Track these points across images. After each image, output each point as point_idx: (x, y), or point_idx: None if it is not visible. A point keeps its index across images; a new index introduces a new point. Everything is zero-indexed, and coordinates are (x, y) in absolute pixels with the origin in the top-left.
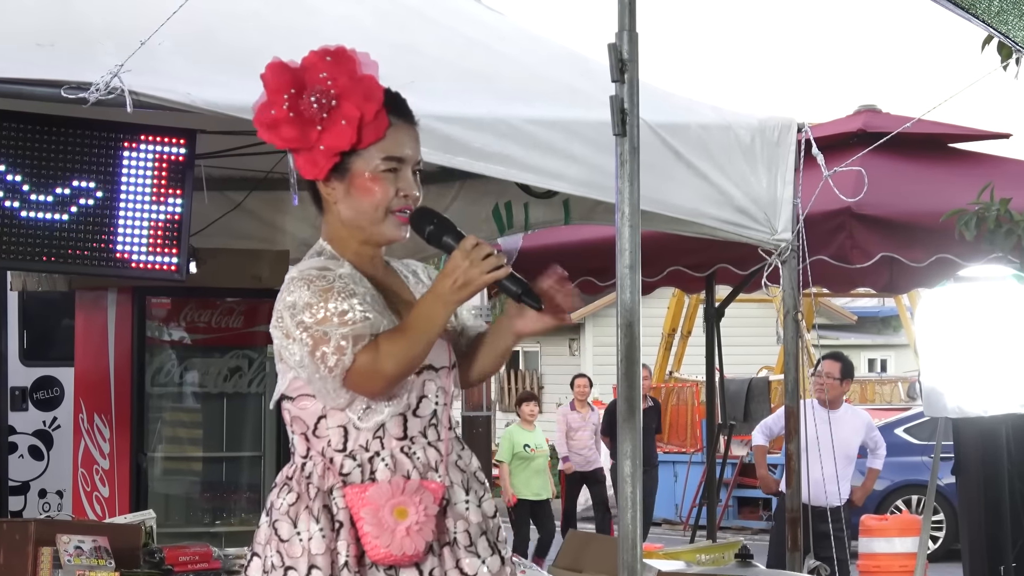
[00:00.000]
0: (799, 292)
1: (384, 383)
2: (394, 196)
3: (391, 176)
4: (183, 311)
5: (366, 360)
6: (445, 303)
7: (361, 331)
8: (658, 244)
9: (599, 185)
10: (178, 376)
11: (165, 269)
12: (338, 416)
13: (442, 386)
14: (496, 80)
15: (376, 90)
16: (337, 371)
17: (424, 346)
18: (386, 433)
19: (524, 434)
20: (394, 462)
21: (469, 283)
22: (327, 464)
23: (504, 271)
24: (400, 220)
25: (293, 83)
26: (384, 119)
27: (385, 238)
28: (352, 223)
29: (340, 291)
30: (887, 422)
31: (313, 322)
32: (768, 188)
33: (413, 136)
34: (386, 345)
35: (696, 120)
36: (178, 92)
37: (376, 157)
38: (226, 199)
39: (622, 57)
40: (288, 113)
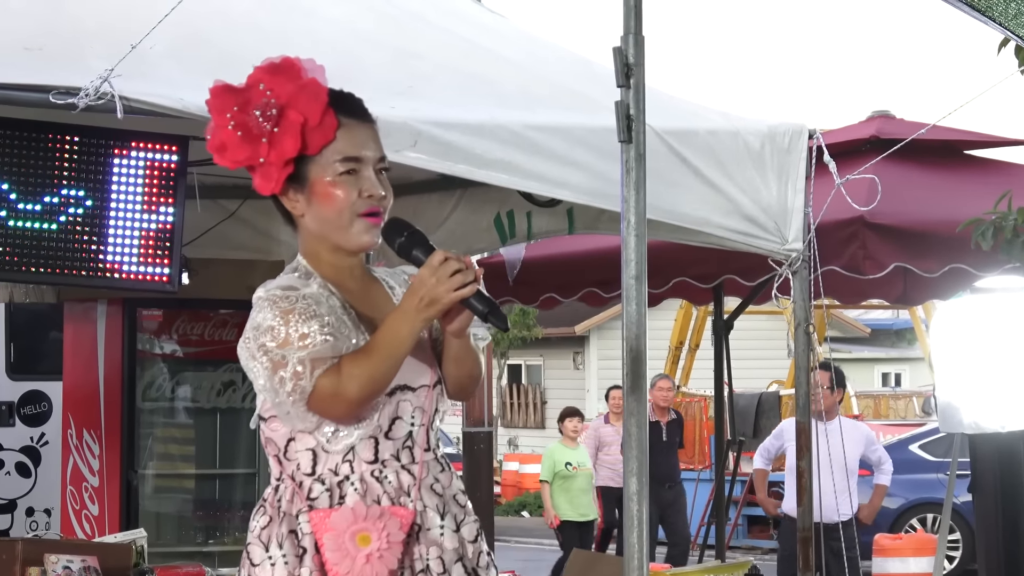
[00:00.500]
0: (810, 304)
1: (348, 407)
2: (357, 198)
3: (351, 178)
4: (175, 323)
5: (327, 384)
6: (411, 321)
7: (320, 354)
8: (665, 254)
9: (604, 193)
10: (170, 390)
11: (156, 280)
12: (307, 439)
13: (419, 406)
14: (498, 85)
15: (319, 91)
16: (296, 396)
17: (389, 367)
18: (356, 456)
19: (566, 452)
20: (364, 486)
21: (435, 301)
22: (296, 488)
23: (470, 289)
24: (370, 223)
25: (236, 102)
26: (332, 120)
27: (355, 244)
28: (320, 234)
29: (302, 312)
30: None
31: (274, 345)
32: (778, 196)
33: (370, 134)
34: (348, 367)
35: (704, 126)
36: (170, 97)
37: (331, 160)
38: (219, 208)
39: (628, 61)
40: (236, 133)
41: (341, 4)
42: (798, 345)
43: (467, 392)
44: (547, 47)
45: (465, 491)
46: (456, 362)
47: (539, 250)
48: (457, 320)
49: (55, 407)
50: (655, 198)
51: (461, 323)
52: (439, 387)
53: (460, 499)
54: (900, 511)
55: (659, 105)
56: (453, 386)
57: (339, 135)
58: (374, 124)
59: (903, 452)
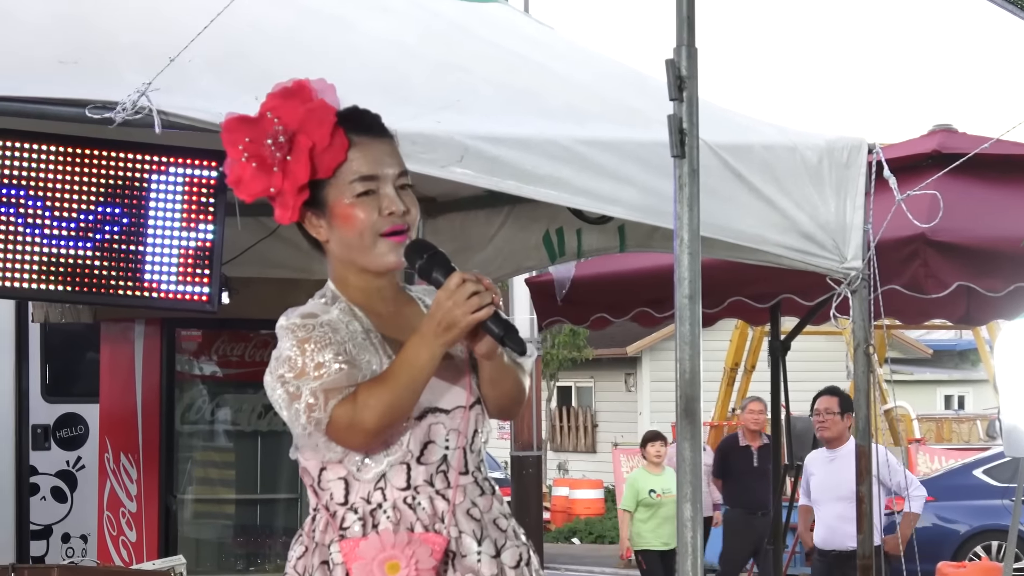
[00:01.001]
0: (870, 324)
1: (365, 436)
2: (378, 217)
3: (370, 198)
4: (215, 344)
5: (343, 414)
6: (430, 346)
7: (334, 384)
8: (719, 273)
9: (656, 210)
10: (209, 413)
11: (196, 299)
12: (338, 468)
13: (455, 428)
14: (547, 98)
15: (325, 113)
16: (311, 427)
17: (407, 394)
18: (388, 484)
19: (650, 478)
20: (397, 514)
21: (453, 325)
22: (329, 517)
23: (486, 312)
24: (393, 242)
25: (248, 133)
26: (342, 140)
27: (380, 265)
28: (345, 257)
29: (318, 341)
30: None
31: (291, 376)
32: (837, 213)
33: (386, 150)
34: (364, 396)
35: (759, 141)
36: (209, 111)
37: (347, 181)
38: (260, 225)
39: (680, 74)
40: (250, 165)
41: (385, 18)
42: (857, 367)
43: (509, 413)
44: (597, 59)
45: (510, 515)
46: (492, 384)
47: (589, 269)
48: (483, 343)
49: (91, 430)
50: (709, 215)
51: (487, 345)
52: (477, 408)
53: (501, 523)
54: (964, 538)
55: (713, 119)
56: (493, 407)
57: (352, 154)
58: (392, 139)
59: (966, 477)
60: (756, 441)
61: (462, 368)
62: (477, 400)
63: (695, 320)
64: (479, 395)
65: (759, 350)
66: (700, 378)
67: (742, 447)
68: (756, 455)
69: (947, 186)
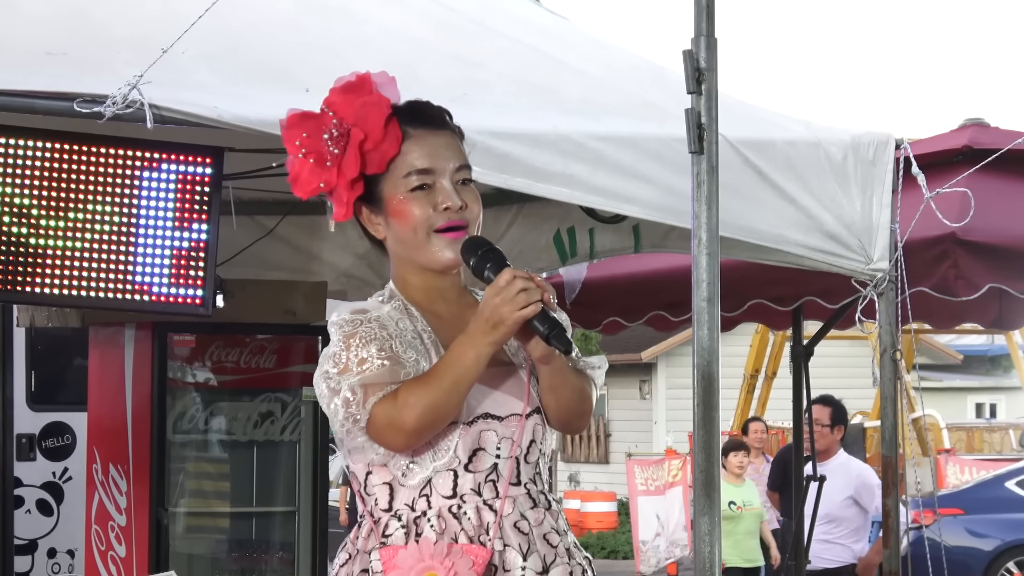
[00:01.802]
0: (898, 328)
1: (406, 437)
2: (433, 212)
3: (425, 192)
4: (209, 349)
5: (383, 412)
6: (476, 346)
7: (374, 379)
8: (739, 275)
9: (673, 208)
10: (203, 422)
11: (189, 303)
12: (383, 473)
13: (508, 436)
14: (559, 92)
15: (381, 105)
16: (349, 424)
17: (451, 395)
18: (433, 491)
19: (730, 489)
20: (442, 523)
21: (500, 322)
22: (373, 524)
23: (534, 308)
24: (450, 238)
25: (306, 128)
26: (395, 132)
27: (436, 262)
28: (402, 256)
29: (363, 336)
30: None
31: (336, 372)
32: (863, 212)
33: (444, 143)
34: (405, 395)
35: (782, 136)
36: (204, 106)
37: (401, 175)
38: (257, 225)
39: (699, 66)
40: (307, 161)
41: (394, 8)
42: (884, 373)
43: (572, 426)
44: (612, 51)
45: (565, 532)
46: (552, 392)
47: (602, 270)
48: (537, 345)
49: (79, 440)
50: (728, 214)
51: (542, 348)
52: (536, 417)
53: (552, 539)
54: (995, 554)
55: (733, 113)
56: (555, 418)
57: (407, 147)
58: (452, 132)
59: (998, 489)
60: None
61: (521, 375)
62: (536, 410)
63: (713, 324)
64: (539, 405)
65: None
66: (719, 385)
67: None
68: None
69: (979, 183)
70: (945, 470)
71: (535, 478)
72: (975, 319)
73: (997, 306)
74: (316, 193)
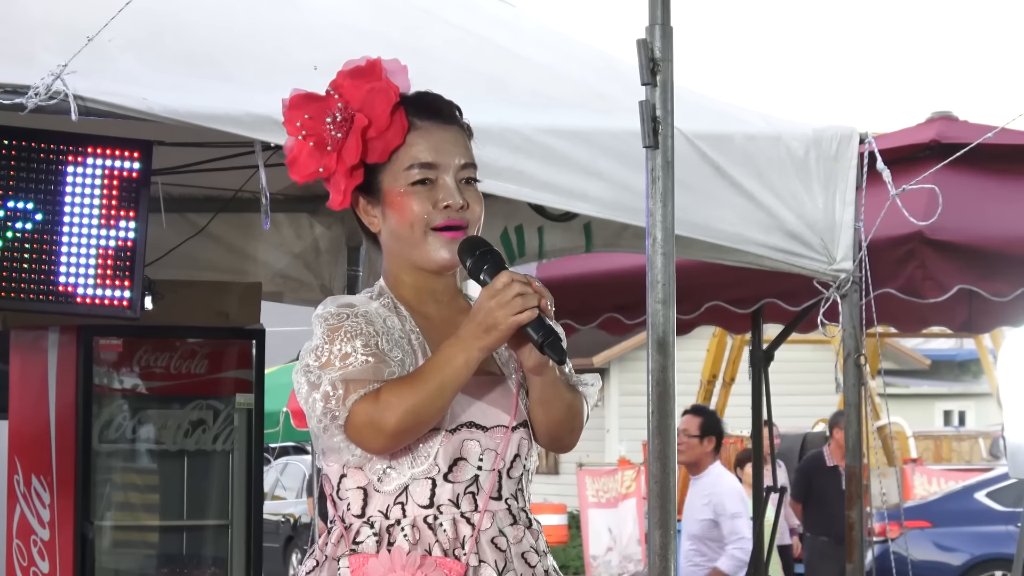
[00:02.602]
0: (862, 332)
1: (386, 439)
2: (432, 209)
3: (426, 188)
4: (137, 354)
5: (363, 410)
6: (466, 350)
7: (357, 376)
8: (696, 275)
9: (627, 206)
10: (131, 431)
11: (116, 305)
12: (358, 476)
13: (491, 448)
14: (508, 83)
15: (388, 92)
16: (327, 421)
17: (436, 398)
18: (409, 499)
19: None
20: (416, 534)
21: (494, 327)
22: (343, 530)
23: (529, 314)
24: (448, 237)
25: (308, 110)
26: (401, 122)
27: (431, 262)
28: (396, 252)
29: (348, 331)
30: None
31: (317, 366)
32: (825, 209)
33: (450, 138)
34: (388, 395)
35: (741, 130)
36: (132, 97)
37: (403, 167)
38: (188, 223)
39: (654, 56)
40: (307, 144)
41: None
42: (847, 379)
43: (560, 443)
44: (564, 41)
45: (545, 553)
46: (542, 406)
47: (552, 271)
48: (531, 354)
49: None
50: (684, 211)
51: (536, 358)
52: (522, 431)
53: (531, 559)
54: (965, 568)
55: (689, 106)
56: (543, 434)
57: (411, 139)
58: (461, 128)
59: (967, 501)
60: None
61: (510, 386)
62: (523, 423)
63: (669, 328)
64: (526, 418)
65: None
66: (674, 392)
67: (829, 468)
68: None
69: (947, 179)
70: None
71: (517, 494)
72: (943, 322)
73: (966, 308)
74: (313, 178)
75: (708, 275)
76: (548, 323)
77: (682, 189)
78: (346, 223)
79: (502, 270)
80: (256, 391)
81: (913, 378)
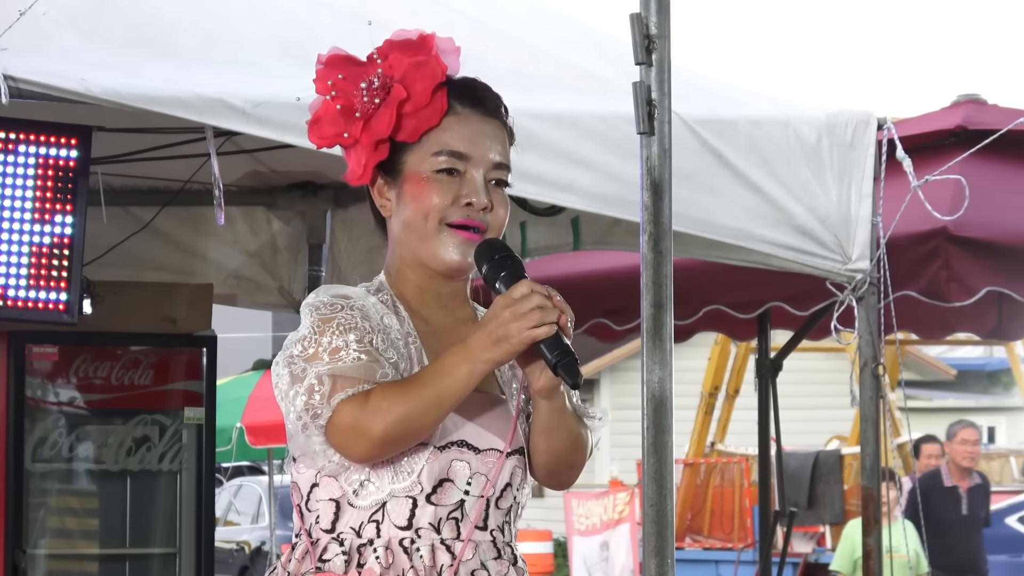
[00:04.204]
0: (880, 339)
1: (369, 446)
2: (451, 204)
3: (451, 179)
4: (74, 363)
5: (349, 412)
6: (471, 360)
7: (346, 372)
8: (695, 276)
9: (618, 199)
10: (67, 449)
11: (51, 308)
12: (331, 487)
13: (482, 472)
14: (482, 61)
15: (435, 68)
16: (307, 418)
17: (431, 409)
18: (386, 518)
19: None
20: (389, 557)
21: (504, 339)
22: (309, 545)
23: (547, 330)
24: (463, 237)
25: (344, 70)
26: (441, 103)
27: (440, 261)
28: (403, 243)
29: (341, 323)
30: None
31: (303, 358)
32: (839, 203)
33: (490, 132)
34: (378, 398)
35: (745, 114)
36: (69, 78)
37: (431, 151)
38: (131, 217)
39: (649, 32)
40: (334, 105)
41: None
42: (864, 391)
43: (558, 478)
44: (548, 15)
45: None
46: (545, 434)
47: (536, 271)
48: (544, 375)
49: None
50: (683, 205)
51: (546, 379)
52: (517, 457)
53: None
54: None
55: (688, 87)
56: (541, 467)
57: (447, 123)
58: (502, 123)
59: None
60: (966, 481)
61: (510, 410)
62: (520, 450)
63: (665, 334)
64: (523, 446)
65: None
66: (672, 405)
67: (947, 488)
68: (965, 499)
69: (974, 170)
70: None
71: (504, 527)
72: (970, 328)
73: (996, 313)
74: (333, 143)
75: (709, 276)
76: (565, 342)
77: (680, 180)
78: (307, 218)
79: (522, 279)
80: (207, 405)
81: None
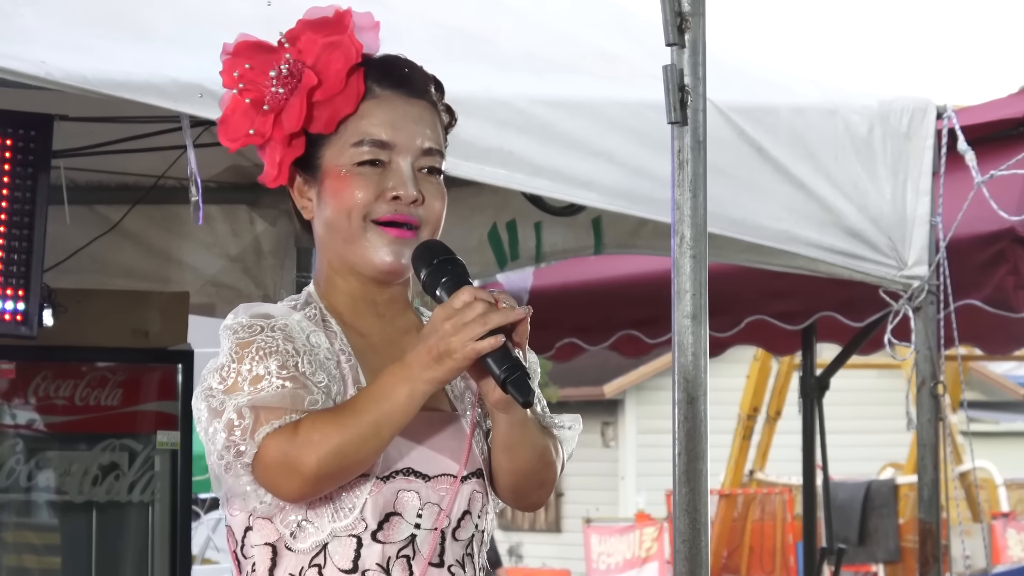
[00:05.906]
0: (939, 354)
1: (302, 483)
2: (376, 199)
3: (374, 171)
4: (33, 382)
5: (277, 446)
6: (411, 380)
7: (270, 403)
8: (733, 284)
9: (645, 196)
10: (25, 477)
11: (7, 320)
12: (266, 529)
13: (433, 501)
14: (493, 42)
15: (348, 49)
16: (229, 457)
17: (369, 439)
18: (328, 561)
19: None
20: None
21: (447, 355)
22: None
23: (492, 342)
24: (393, 235)
25: (251, 59)
26: (357, 87)
27: (369, 264)
28: (328, 247)
29: (261, 348)
30: None
31: (221, 389)
32: (894, 201)
33: (415, 115)
34: (308, 429)
35: (787, 101)
36: (28, 60)
37: (350, 142)
38: (97, 217)
39: (681, 9)
40: (243, 99)
41: None
42: (922, 413)
43: (527, 498)
44: None
45: None
46: (507, 451)
47: (553, 277)
48: (496, 388)
49: None
50: (719, 204)
51: (501, 393)
52: (475, 481)
53: None
54: None
55: (725, 71)
56: (505, 487)
57: (367, 109)
58: (432, 105)
59: None
60: None
61: (465, 426)
62: (478, 473)
63: (700, 349)
64: (481, 467)
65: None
66: (707, 429)
67: None
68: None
69: None
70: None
71: (465, 560)
72: None
73: None
74: (245, 143)
75: (748, 283)
76: (515, 355)
77: (716, 176)
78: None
79: (464, 285)
80: (182, 428)
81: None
